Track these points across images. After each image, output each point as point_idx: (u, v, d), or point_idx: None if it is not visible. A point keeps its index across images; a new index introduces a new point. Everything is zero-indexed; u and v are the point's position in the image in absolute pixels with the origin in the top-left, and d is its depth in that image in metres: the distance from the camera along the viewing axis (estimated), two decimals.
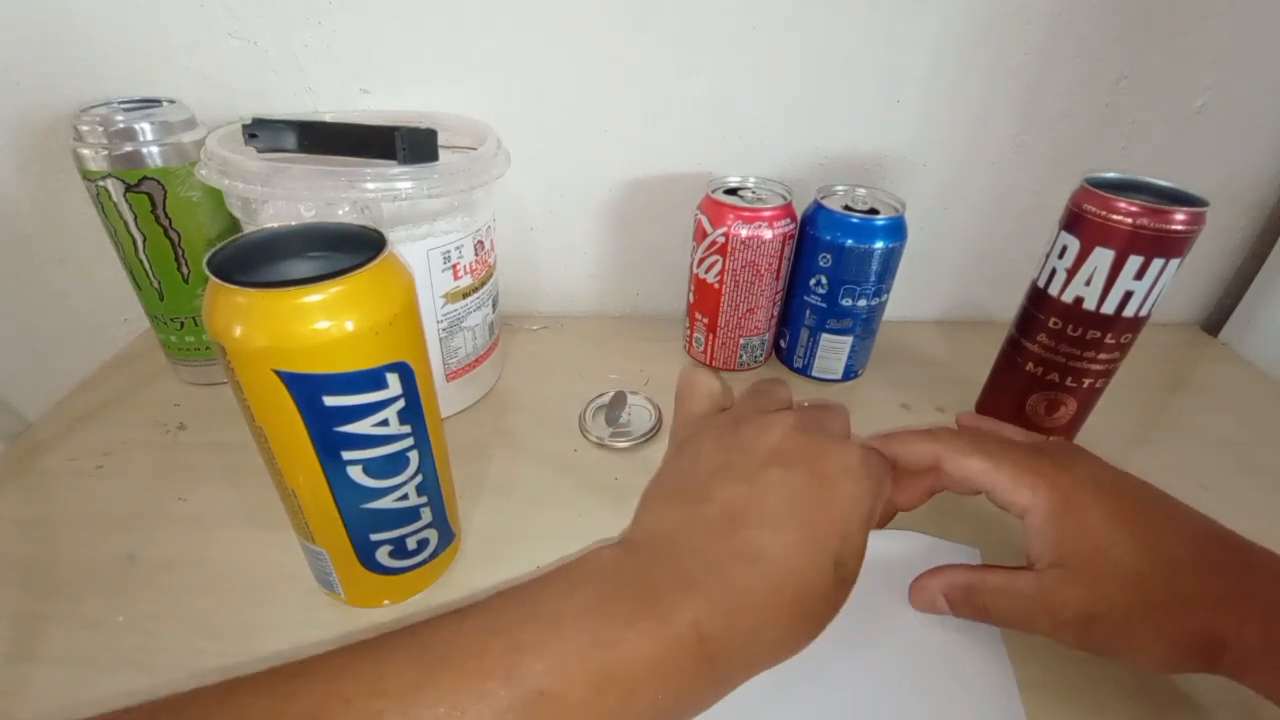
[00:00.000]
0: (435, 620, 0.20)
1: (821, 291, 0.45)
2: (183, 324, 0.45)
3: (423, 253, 0.37)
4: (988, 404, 0.45)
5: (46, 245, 0.53)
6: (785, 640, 0.22)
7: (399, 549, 0.29)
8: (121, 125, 0.39)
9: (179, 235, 0.42)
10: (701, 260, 0.46)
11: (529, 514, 0.37)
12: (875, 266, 0.43)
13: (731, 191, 0.46)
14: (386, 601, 0.31)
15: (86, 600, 0.32)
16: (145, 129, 0.39)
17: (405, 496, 0.28)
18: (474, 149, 0.40)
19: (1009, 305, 0.42)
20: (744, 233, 0.43)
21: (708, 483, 0.24)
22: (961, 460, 0.28)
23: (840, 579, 0.23)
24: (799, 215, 0.45)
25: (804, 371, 0.49)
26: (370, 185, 0.34)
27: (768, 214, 0.43)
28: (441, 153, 0.37)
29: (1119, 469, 0.28)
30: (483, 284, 0.42)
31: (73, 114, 0.39)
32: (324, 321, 0.22)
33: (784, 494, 0.23)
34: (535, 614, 0.20)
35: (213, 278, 0.22)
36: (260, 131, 0.38)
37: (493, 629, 0.20)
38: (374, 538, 0.28)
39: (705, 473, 0.25)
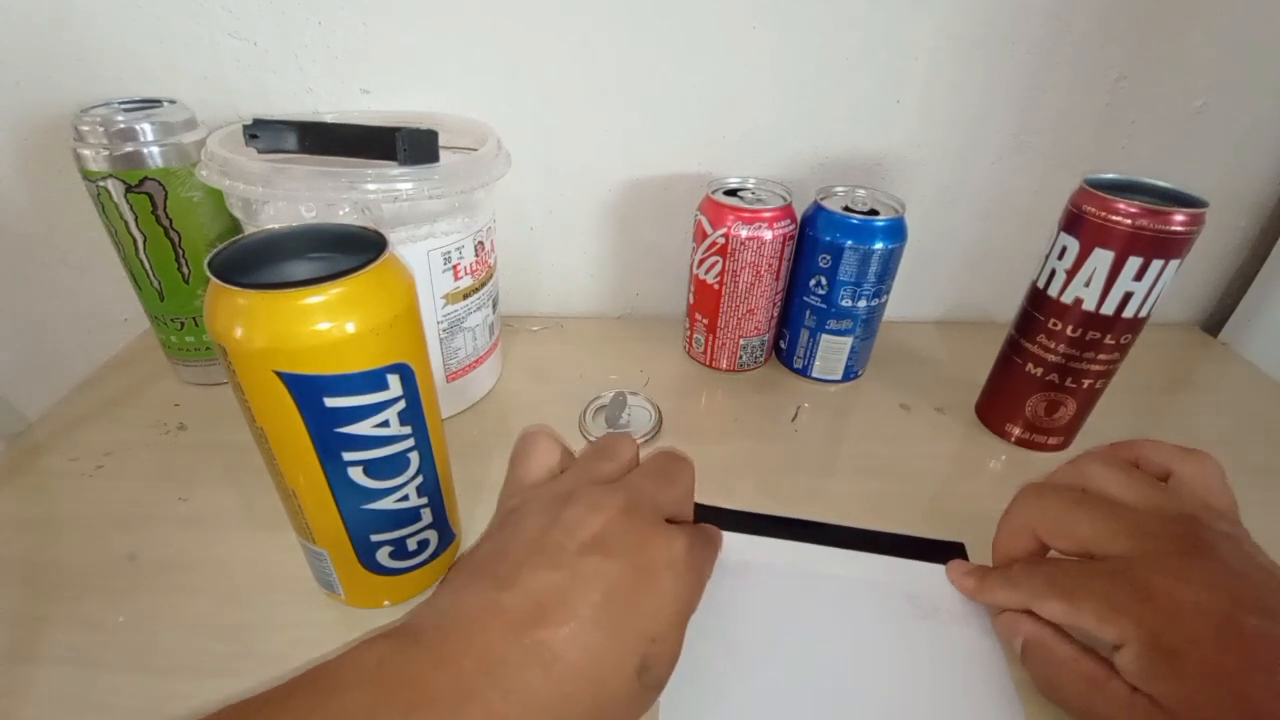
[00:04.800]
0: None
1: (821, 292, 0.45)
2: (183, 324, 0.45)
3: (423, 253, 0.37)
4: (988, 404, 0.45)
5: (46, 245, 0.53)
6: None
7: (399, 550, 0.29)
8: (122, 125, 0.39)
9: (179, 236, 0.42)
10: (701, 261, 0.46)
11: None
12: (875, 267, 0.43)
13: (731, 192, 0.46)
14: (387, 602, 0.31)
15: (86, 600, 0.32)
16: (146, 129, 0.39)
17: (406, 497, 0.28)
18: (474, 150, 0.40)
19: (1009, 305, 0.42)
20: (744, 233, 0.43)
21: (519, 565, 0.22)
22: (1044, 607, 0.26)
23: (645, 685, 0.21)
24: (799, 216, 0.45)
25: (804, 372, 0.49)
26: (371, 186, 0.34)
27: (768, 215, 0.43)
28: (442, 153, 0.37)
29: (1236, 569, 0.24)
30: (483, 285, 0.42)
31: (73, 114, 0.39)
32: (325, 322, 0.22)
33: (598, 587, 0.21)
34: None
35: (213, 279, 0.22)
36: (261, 132, 0.38)
37: None
38: (374, 538, 0.28)
39: (520, 552, 0.23)
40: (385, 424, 0.25)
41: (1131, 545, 0.25)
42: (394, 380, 0.25)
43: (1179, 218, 0.33)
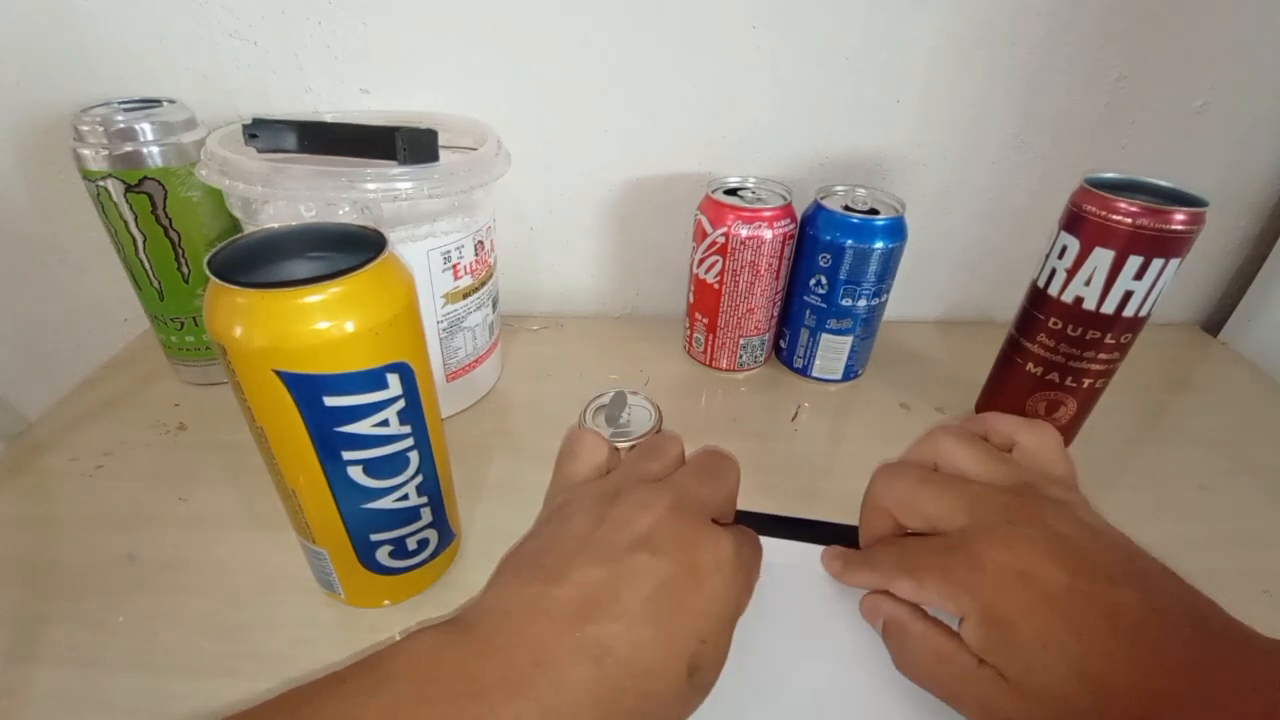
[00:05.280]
0: None
1: (821, 291, 0.45)
2: (183, 324, 0.45)
3: (423, 253, 0.37)
4: (988, 404, 0.45)
5: (46, 245, 0.53)
6: None
7: (399, 549, 0.29)
8: (121, 125, 0.39)
9: (179, 235, 0.42)
10: (701, 260, 0.46)
11: (529, 514, 0.37)
12: (875, 266, 0.43)
13: (731, 192, 0.46)
14: (387, 601, 0.31)
15: (86, 600, 0.32)
16: (145, 129, 0.39)
17: (405, 497, 0.28)
18: (474, 149, 0.40)
19: (1009, 305, 0.42)
20: (744, 233, 0.43)
21: (568, 560, 0.22)
22: (897, 585, 0.27)
23: (695, 686, 0.21)
24: (799, 215, 0.45)
25: (804, 371, 0.49)
26: (370, 185, 0.34)
27: (768, 214, 0.43)
28: (442, 153, 0.37)
29: (1065, 534, 0.24)
30: (483, 284, 0.42)
31: (73, 114, 0.39)
32: (324, 322, 0.22)
33: (647, 584, 0.21)
34: None
35: (213, 278, 0.22)
36: (260, 132, 0.38)
37: None
38: (374, 538, 0.28)
39: (568, 548, 0.23)
40: (385, 423, 0.25)
41: (968, 518, 0.26)
42: (393, 379, 0.25)
43: (1179, 217, 0.33)
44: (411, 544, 0.30)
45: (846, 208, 0.44)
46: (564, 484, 0.28)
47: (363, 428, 0.25)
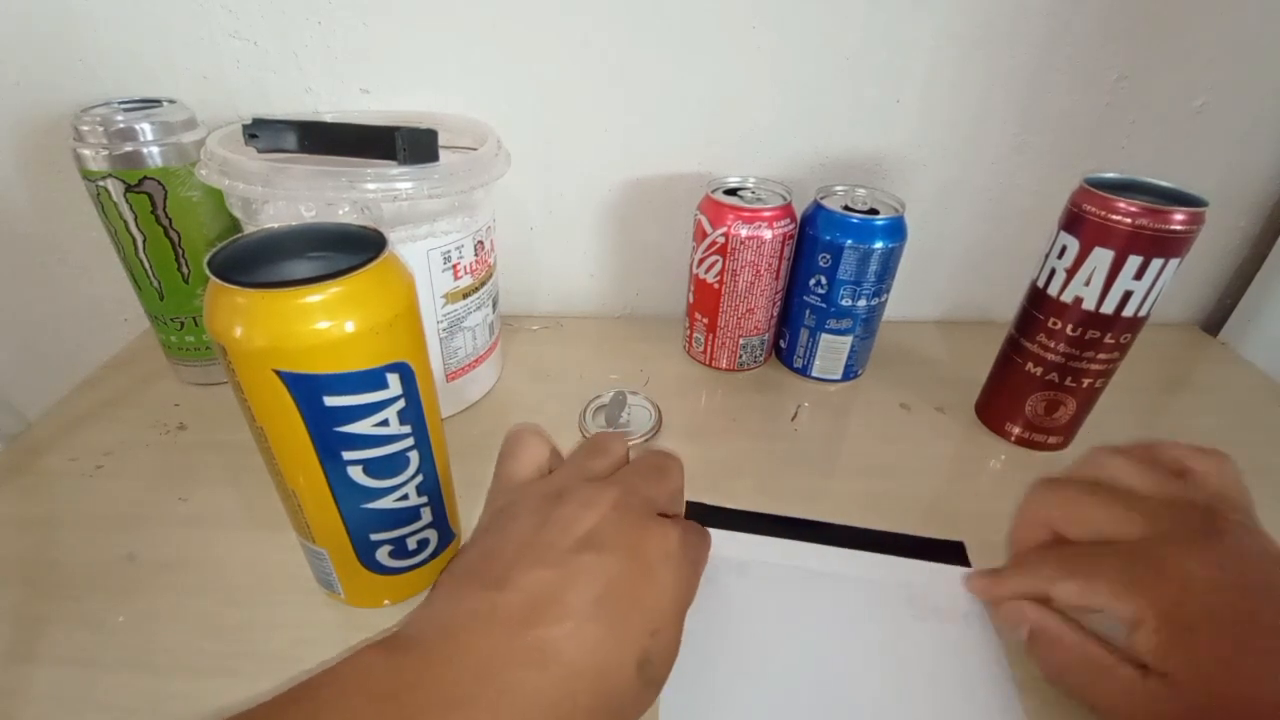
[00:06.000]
0: None
1: (821, 291, 0.45)
2: (183, 324, 0.45)
3: (423, 253, 0.37)
4: (988, 404, 0.45)
5: (46, 245, 0.53)
6: None
7: (399, 549, 0.29)
8: (121, 125, 0.39)
9: (179, 235, 0.42)
10: (701, 260, 0.46)
11: None
12: (875, 266, 0.43)
13: (731, 191, 0.46)
14: (387, 601, 0.31)
15: (86, 600, 0.32)
16: (145, 129, 0.39)
17: (405, 496, 0.28)
18: (474, 149, 0.40)
19: (1009, 305, 0.42)
20: (744, 233, 0.43)
21: (512, 564, 0.22)
22: (1059, 588, 0.26)
23: (646, 680, 0.21)
24: (799, 215, 0.45)
25: (804, 371, 0.49)
26: (370, 185, 0.34)
27: (767, 214, 0.43)
28: (442, 153, 0.37)
29: (1250, 554, 0.24)
30: (483, 284, 0.42)
31: (73, 114, 0.39)
32: (324, 322, 0.22)
33: (594, 583, 0.21)
34: None
35: (213, 278, 0.22)
36: (260, 132, 0.38)
37: None
38: (374, 538, 0.28)
39: (512, 552, 0.22)
40: (385, 423, 0.25)
41: (1146, 529, 0.25)
42: (393, 379, 0.25)
43: (1179, 217, 0.33)
44: (411, 544, 0.30)
45: (846, 208, 0.44)
46: (505, 485, 0.27)
47: (363, 428, 0.25)
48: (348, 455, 0.25)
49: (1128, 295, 0.36)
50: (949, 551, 0.35)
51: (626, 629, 0.21)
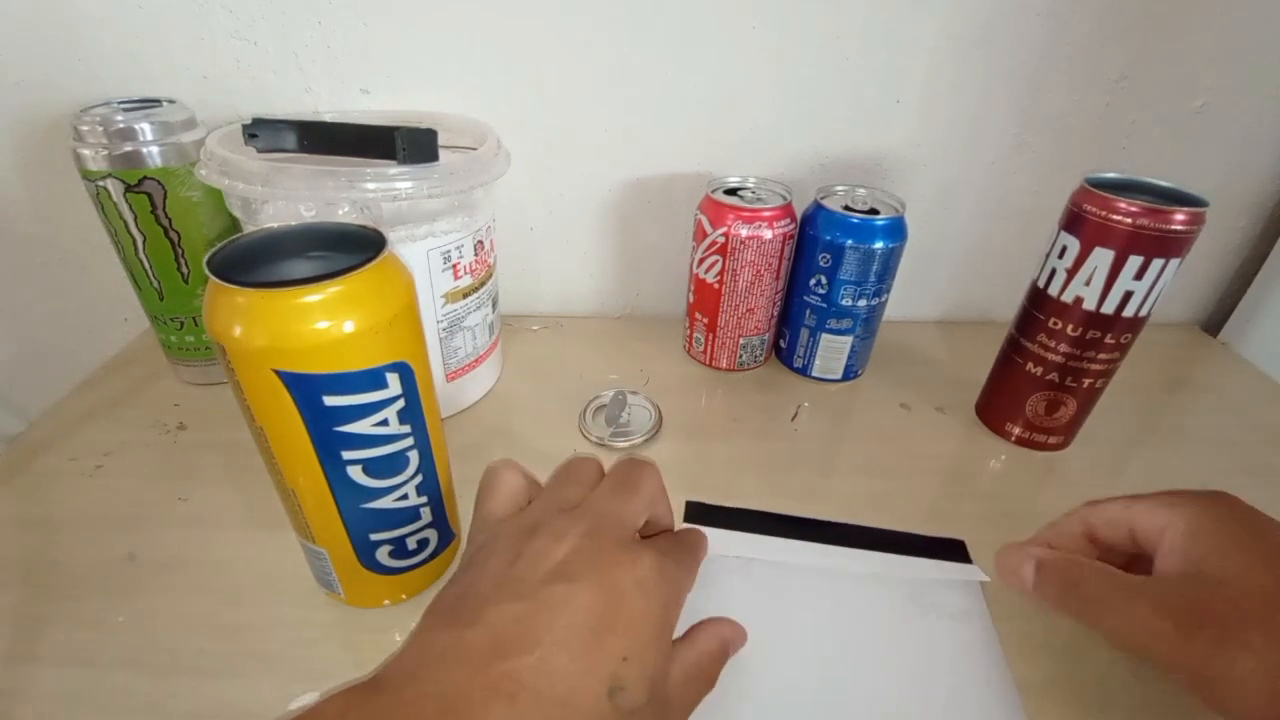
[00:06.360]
0: None
1: (821, 291, 0.45)
2: (183, 324, 0.45)
3: (423, 253, 0.37)
4: (988, 404, 0.45)
5: (46, 245, 0.53)
6: None
7: (399, 549, 0.29)
8: (121, 125, 0.39)
9: (179, 235, 0.42)
10: (701, 260, 0.46)
11: None
12: (875, 266, 0.43)
13: (731, 191, 0.46)
14: (386, 601, 0.31)
15: (86, 600, 0.32)
16: (145, 129, 0.39)
17: (405, 496, 0.28)
18: (474, 149, 0.40)
19: (1009, 305, 0.42)
20: (744, 233, 0.43)
21: (484, 602, 0.22)
22: (1099, 510, 0.28)
23: (617, 705, 0.21)
24: (799, 215, 0.45)
25: (804, 371, 0.49)
26: (370, 185, 0.34)
27: (768, 214, 0.43)
28: (441, 153, 0.37)
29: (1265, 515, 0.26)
30: (483, 284, 0.42)
31: (73, 114, 0.39)
32: (324, 321, 0.22)
33: (564, 614, 0.21)
34: None
35: (213, 278, 0.22)
36: (260, 131, 0.38)
37: None
38: (374, 537, 0.28)
39: (486, 588, 0.23)
40: (384, 423, 0.25)
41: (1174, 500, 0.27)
42: (393, 379, 0.25)
43: (1179, 217, 0.33)
44: (411, 544, 0.30)
45: (846, 208, 0.44)
46: (484, 523, 0.27)
47: (362, 427, 0.25)
48: (347, 455, 0.25)
49: (1128, 295, 0.36)
50: (950, 549, 0.35)
51: (596, 657, 0.21)
